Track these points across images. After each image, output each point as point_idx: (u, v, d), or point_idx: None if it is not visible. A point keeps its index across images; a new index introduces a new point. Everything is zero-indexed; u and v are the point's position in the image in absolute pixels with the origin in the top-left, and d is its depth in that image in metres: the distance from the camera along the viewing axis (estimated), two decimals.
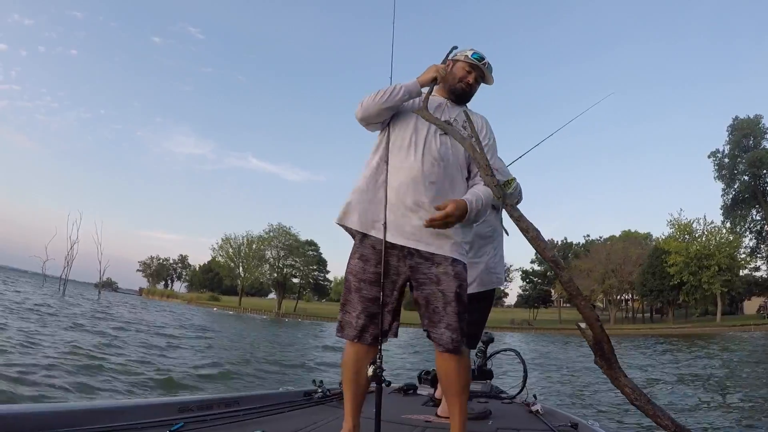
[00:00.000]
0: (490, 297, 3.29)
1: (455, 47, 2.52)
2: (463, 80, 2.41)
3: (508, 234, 3.34)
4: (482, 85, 2.52)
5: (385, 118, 2.32)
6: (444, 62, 2.47)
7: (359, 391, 2.21)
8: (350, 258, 2.26)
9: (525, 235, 1.63)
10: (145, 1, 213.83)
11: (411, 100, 2.33)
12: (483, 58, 2.43)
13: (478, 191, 2.15)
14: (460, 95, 2.44)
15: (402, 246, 2.15)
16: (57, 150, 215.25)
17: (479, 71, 2.43)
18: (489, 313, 3.35)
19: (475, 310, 2.85)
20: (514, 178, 3.26)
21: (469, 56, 2.42)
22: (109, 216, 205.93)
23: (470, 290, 2.57)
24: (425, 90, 2.36)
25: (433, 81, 2.33)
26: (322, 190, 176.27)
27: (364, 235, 2.22)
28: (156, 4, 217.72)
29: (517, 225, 1.66)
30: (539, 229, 1.68)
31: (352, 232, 2.28)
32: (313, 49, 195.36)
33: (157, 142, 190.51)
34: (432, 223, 1.97)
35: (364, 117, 2.31)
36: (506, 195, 1.81)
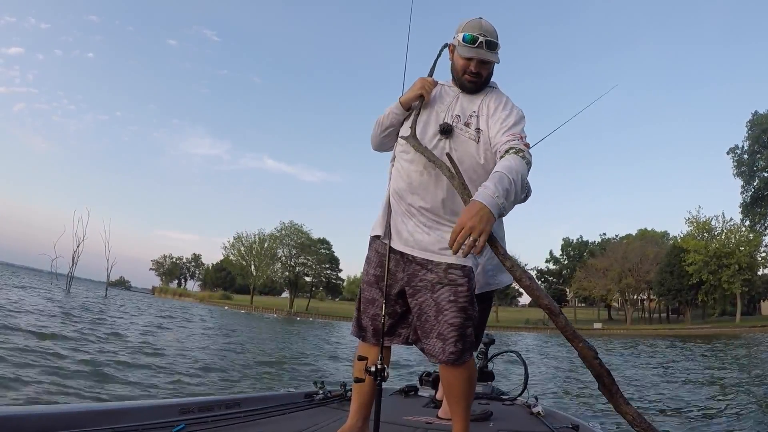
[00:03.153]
0: (489, 299, 3.31)
1: (445, 45, 2.26)
2: (467, 71, 2.12)
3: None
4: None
5: (392, 144, 2.29)
6: (431, 73, 2.28)
7: (362, 389, 2.20)
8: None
9: (519, 284, 1.58)
10: (161, 5, 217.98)
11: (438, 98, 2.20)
12: (476, 39, 2.05)
13: (501, 170, 1.77)
14: (471, 88, 2.16)
15: (401, 252, 2.13)
16: (74, 152, 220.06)
17: (479, 56, 2.08)
18: (488, 314, 3.43)
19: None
20: None
21: (461, 41, 2.08)
22: (125, 216, 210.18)
23: None
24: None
25: (420, 98, 2.15)
26: (339, 190, 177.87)
27: (373, 239, 2.26)
28: (172, 7, 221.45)
29: (511, 274, 1.63)
30: (549, 229, 1.39)
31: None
32: (328, 49, 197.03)
33: (174, 144, 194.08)
34: (457, 250, 1.63)
35: (376, 149, 2.37)
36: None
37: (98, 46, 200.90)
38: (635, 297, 74.75)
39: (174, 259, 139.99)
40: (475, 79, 2.12)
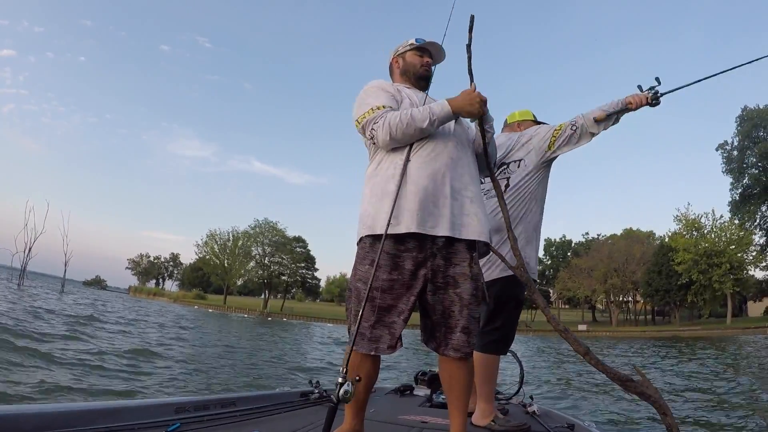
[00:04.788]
0: (521, 300, 3.15)
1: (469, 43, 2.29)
2: (423, 63, 2.48)
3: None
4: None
5: None
6: (471, 78, 2.30)
7: (359, 395, 2.16)
8: (358, 263, 2.17)
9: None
10: (155, 11, 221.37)
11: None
12: (425, 41, 2.49)
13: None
14: (428, 78, 2.50)
15: (422, 247, 2.09)
16: (62, 153, 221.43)
17: (428, 52, 2.51)
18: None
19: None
20: None
21: (414, 42, 2.50)
22: (112, 216, 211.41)
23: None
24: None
25: (466, 117, 2.30)
26: (326, 192, 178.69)
27: (375, 239, 2.11)
28: (165, 14, 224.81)
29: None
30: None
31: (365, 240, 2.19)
32: (319, 53, 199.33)
33: (162, 146, 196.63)
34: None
35: (393, 144, 2.21)
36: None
37: (90, 50, 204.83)
38: (621, 298, 72.95)
39: (151, 259, 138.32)
40: (429, 69, 2.49)
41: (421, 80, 2.47)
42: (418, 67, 2.46)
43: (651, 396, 1.61)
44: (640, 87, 2.94)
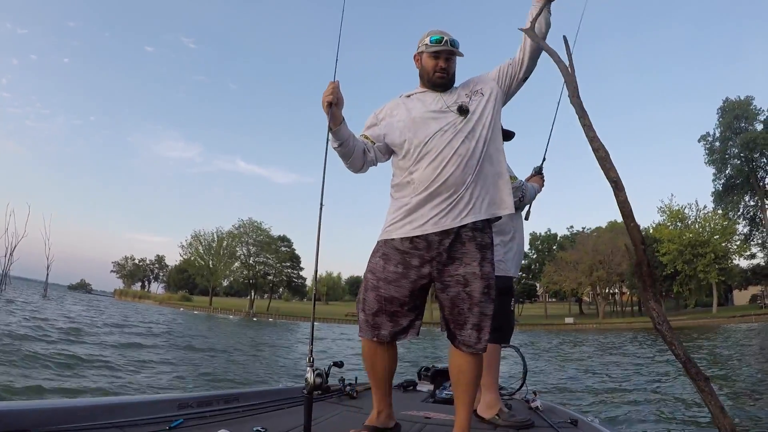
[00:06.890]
0: (510, 291, 3.20)
1: None
2: (437, 69, 2.35)
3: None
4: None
5: (374, 157, 2.35)
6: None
7: (379, 382, 2.31)
8: (371, 256, 2.29)
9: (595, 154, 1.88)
10: (139, 12, 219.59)
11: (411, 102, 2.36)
12: (442, 38, 2.32)
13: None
14: (444, 84, 2.36)
15: (430, 246, 2.16)
16: (46, 155, 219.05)
17: (444, 52, 2.34)
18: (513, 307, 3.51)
19: None
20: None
21: (429, 43, 2.35)
22: (96, 219, 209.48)
23: None
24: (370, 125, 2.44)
25: (330, 107, 2.15)
26: (312, 191, 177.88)
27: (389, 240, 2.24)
28: (150, 15, 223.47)
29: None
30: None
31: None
32: (303, 53, 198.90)
33: (147, 147, 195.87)
34: None
35: (350, 169, 2.36)
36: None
37: (74, 52, 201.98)
38: (607, 290, 73.14)
39: (136, 261, 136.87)
40: (444, 73, 2.33)
41: (437, 87, 2.36)
42: (432, 73, 2.35)
43: None
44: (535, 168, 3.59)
